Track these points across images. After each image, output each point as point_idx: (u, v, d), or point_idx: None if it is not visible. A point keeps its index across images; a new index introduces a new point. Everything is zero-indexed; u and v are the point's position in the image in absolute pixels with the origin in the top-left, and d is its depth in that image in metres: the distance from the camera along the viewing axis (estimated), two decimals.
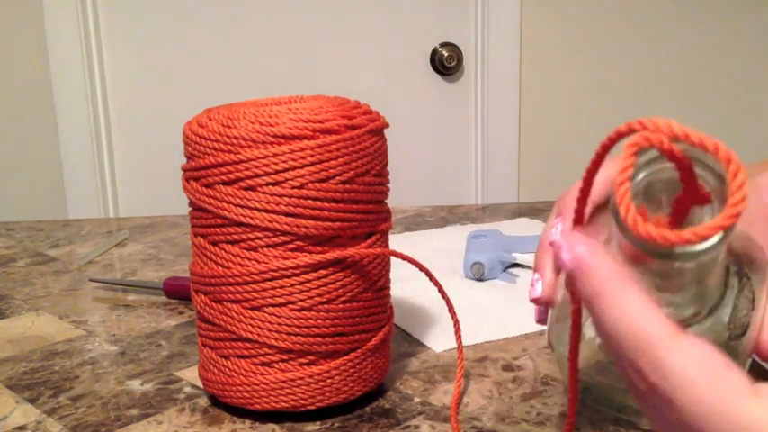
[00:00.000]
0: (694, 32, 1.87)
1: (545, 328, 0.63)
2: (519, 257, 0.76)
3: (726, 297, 0.31)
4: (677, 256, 0.27)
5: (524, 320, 0.64)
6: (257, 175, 0.46)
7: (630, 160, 0.27)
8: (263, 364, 0.48)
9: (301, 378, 0.48)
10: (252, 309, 0.48)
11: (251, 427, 0.49)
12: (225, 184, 0.47)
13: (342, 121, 0.47)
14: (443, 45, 1.83)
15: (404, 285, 0.73)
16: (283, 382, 0.48)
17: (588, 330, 0.35)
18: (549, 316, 0.43)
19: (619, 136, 0.28)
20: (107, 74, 1.80)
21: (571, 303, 0.33)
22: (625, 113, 1.89)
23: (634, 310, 0.26)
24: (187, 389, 0.54)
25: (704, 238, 0.25)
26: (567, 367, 0.47)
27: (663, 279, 0.29)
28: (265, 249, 0.47)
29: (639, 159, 0.28)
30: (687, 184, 0.27)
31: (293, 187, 0.46)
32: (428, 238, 0.89)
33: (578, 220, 0.31)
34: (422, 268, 0.50)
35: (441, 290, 0.51)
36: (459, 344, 0.53)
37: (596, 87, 1.88)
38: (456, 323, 0.53)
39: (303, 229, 0.46)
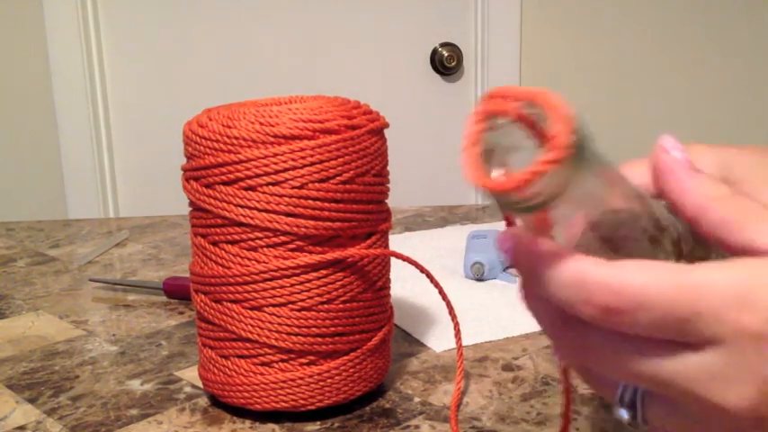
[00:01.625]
0: (695, 32, 1.87)
1: None
2: None
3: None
4: (514, 204, 0.27)
5: (524, 320, 0.64)
6: (257, 175, 0.46)
7: (475, 127, 0.28)
8: (263, 364, 0.48)
9: (301, 378, 0.48)
10: (252, 309, 0.48)
11: (251, 427, 0.49)
12: (225, 184, 0.47)
13: (342, 121, 0.47)
14: (443, 45, 1.83)
15: (404, 285, 0.73)
16: (283, 382, 0.48)
17: None
18: None
19: (477, 115, 0.28)
20: (107, 74, 1.80)
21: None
22: (625, 113, 1.89)
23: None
24: (187, 389, 0.54)
25: (520, 183, 0.26)
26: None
27: (600, 243, 0.30)
28: (265, 249, 0.47)
29: (493, 130, 0.29)
30: (536, 139, 0.28)
31: (293, 187, 0.46)
32: (428, 238, 0.89)
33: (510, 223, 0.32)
34: (422, 270, 0.50)
35: (441, 291, 0.51)
36: (460, 346, 0.53)
37: (596, 87, 1.88)
38: (456, 325, 0.53)
39: (303, 229, 0.46)
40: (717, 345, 0.27)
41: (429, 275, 0.51)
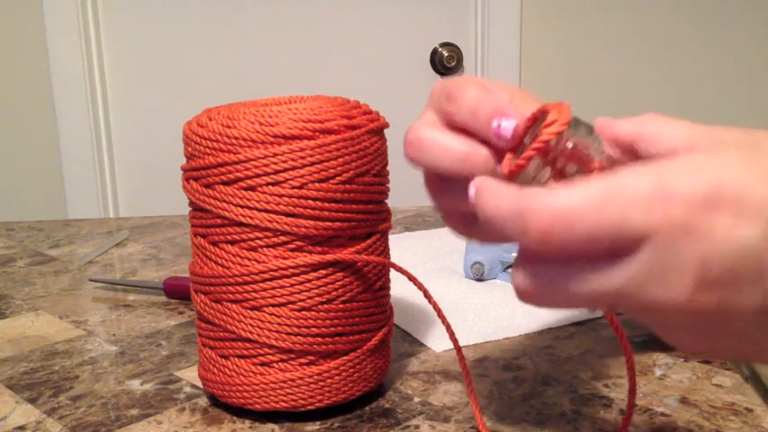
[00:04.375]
0: (695, 31, 1.87)
1: (545, 328, 0.63)
2: None
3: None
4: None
5: (524, 320, 0.64)
6: (257, 175, 0.46)
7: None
8: (263, 364, 0.48)
9: (301, 378, 0.48)
10: (252, 309, 0.48)
11: (251, 427, 0.49)
12: (225, 184, 0.47)
13: (342, 121, 0.47)
14: (443, 45, 1.83)
15: (404, 285, 0.73)
16: (283, 382, 0.48)
17: None
18: None
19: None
20: (107, 74, 1.80)
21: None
22: (625, 113, 1.89)
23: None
24: (187, 389, 0.54)
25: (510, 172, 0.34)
26: None
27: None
28: (265, 249, 0.47)
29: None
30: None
31: (293, 187, 0.46)
32: (428, 238, 0.89)
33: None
34: (410, 277, 0.50)
35: (427, 294, 0.51)
36: (457, 347, 0.53)
37: (596, 87, 1.88)
38: (448, 327, 0.53)
39: (303, 229, 0.46)
40: (648, 240, 0.28)
41: (416, 282, 0.51)
